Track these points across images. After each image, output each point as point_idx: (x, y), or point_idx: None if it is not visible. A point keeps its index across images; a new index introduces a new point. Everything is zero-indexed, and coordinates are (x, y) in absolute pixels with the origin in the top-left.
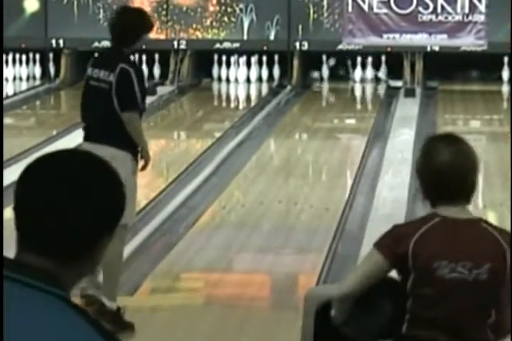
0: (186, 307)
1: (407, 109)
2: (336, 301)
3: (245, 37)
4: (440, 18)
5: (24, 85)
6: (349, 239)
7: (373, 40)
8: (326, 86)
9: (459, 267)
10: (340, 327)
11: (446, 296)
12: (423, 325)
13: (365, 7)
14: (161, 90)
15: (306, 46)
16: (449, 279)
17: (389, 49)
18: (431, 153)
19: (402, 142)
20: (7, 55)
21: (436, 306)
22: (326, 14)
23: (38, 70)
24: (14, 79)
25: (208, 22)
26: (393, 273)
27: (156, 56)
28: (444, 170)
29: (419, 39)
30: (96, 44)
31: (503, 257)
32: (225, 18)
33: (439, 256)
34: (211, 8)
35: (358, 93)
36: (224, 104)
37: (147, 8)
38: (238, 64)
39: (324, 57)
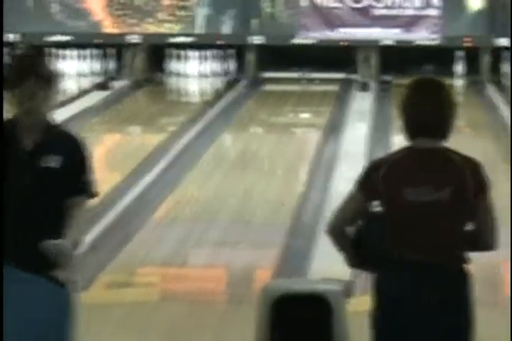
0: (142, 302)
1: (362, 103)
2: (329, 236)
3: (200, 31)
4: (394, 12)
5: None
6: (305, 232)
7: (327, 34)
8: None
9: (424, 191)
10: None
11: (415, 219)
12: (399, 248)
13: (320, 1)
14: (116, 84)
15: (260, 40)
16: (416, 203)
17: (343, 43)
18: (411, 94)
19: (357, 136)
20: None
21: (408, 229)
22: (280, 8)
23: None
24: None
25: (162, 16)
26: None
27: (111, 50)
28: (419, 108)
29: (374, 33)
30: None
31: (464, 180)
32: (180, 12)
33: (405, 183)
34: (165, 2)
35: (313, 87)
36: (179, 98)
37: (101, 3)
38: (193, 58)
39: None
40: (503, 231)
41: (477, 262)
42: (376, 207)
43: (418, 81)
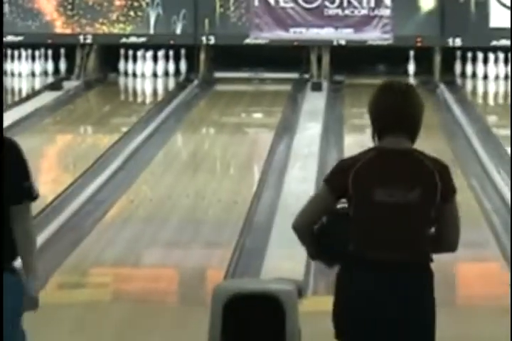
0: (95, 303)
1: (314, 102)
2: (297, 233)
3: (152, 31)
4: (346, 12)
5: None
6: (257, 232)
7: (280, 34)
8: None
9: (393, 192)
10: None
11: (384, 219)
12: (366, 246)
13: (272, 1)
14: (68, 85)
15: (212, 40)
16: (385, 204)
17: (295, 43)
18: (379, 94)
19: (310, 136)
20: None
21: (376, 229)
22: (232, 8)
23: None
24: None
25: (115, 16)
26: None
27: (62, 51)
28: (388, 108)
29: (326, 33)
30: None
31: (433, 182)
32: (132, 13)
33: (375, 184)
34: (117, 3)
35: (265, 87)
36: (131, 98)
37: (53, 3)
38: (145, 58)
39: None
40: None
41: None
42: (341, 204)
43: (387, 82)
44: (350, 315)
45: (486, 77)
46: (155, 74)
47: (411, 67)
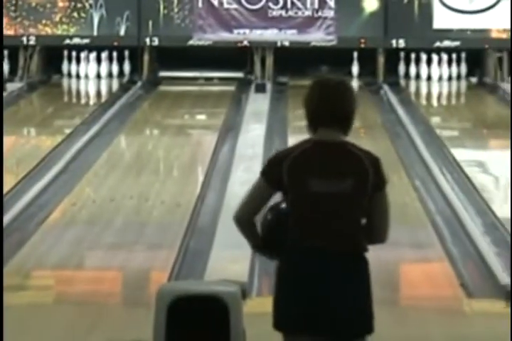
0: (37, 306)
1: (258, 104)
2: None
3: (95, 33)
4: (290, 13)
5: None
6: (201, 234)
7: (224, 35)
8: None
9: (327, 182)
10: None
11: (319, 209)
12: (302, 235)
13: (216, 2)
14: (11, 86)
15: (156, 42)
16: (320, 193)
17: (239, 44)
18: (313, 89)
19: (253, 137)
20: None
21: (312, 218)
22: (176, 10)
23: None
24: None
25: (58, 18)
26: None
27: (5, 52)
28: (321, 102)
29: (270, 34)
30: None
31: (365, 173)
32: (75, 14)
33: (309, 174)
34: (61, 4)
35: (208, 89)
36: (74, 100)
37: None
38: (88, 60)
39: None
40: (400, 230)
41: (376, 262)
42: (281, 197)
43: (321, 78)
44: (287, 302)
45: (429, 78)
46: (98, 76)
47: (355, 69)
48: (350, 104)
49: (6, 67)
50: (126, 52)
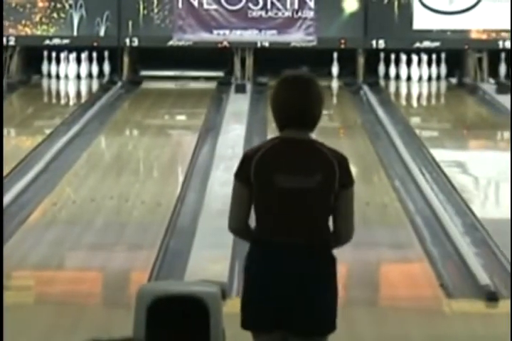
0: (18, 306)
1: (238, 104)
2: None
3: (75, 33)
4: (270, 14)
5: None
6: (181, 234)
7: (204, 36)
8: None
9: (293, 179)
10: None
11: (285, 204)
12: (269, 230)
13: (195, 3)
14: None
15: (136, 42)
16: (286, 189)
17: (219, 45)
18: (279, 88)
19: (233, 138)
20: None
21: (278, 213)
22: (156, 10)
23: None
24: None
25: (38, 18)
26: None
27: None
28: (286, 102)
29: (250, 35)
30: None
31: (332, 170)
32: (55, 14)
33: (276, 171)
34: (40, 4)
35: (189, 89)
36: (54, 100)
37: None
38: (68, 60)
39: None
40: (380, 230)
41: (355, 262)
42: None
43: (288, 74)
44: (252, 300)
45: (409, 78)
46: (78, 76)
47: (335, 69)
48: (317, 103)
49: None
50: (106, 53)
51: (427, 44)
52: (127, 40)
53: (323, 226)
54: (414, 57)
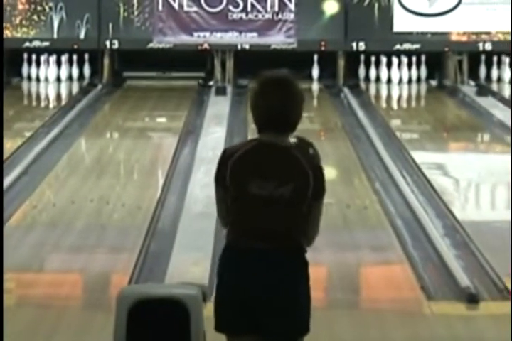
0: None
1: (219, 107)
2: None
3: (55, 35)
4: (250, 16)
5: None
6: (162, 237)
7: (184, 38)
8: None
9: (266, 185)
10: None
11: (256, 210)
12: (241, 235)
13: (176, 5)
14: None
15: (116, 45)
16: (259, 195)
17: (200, 47)
18: (257, 91)
19: (214, 140)
20: None
21: (250, 218)
22: (136, 13)
23: None
24: None
25: (18, 20)
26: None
27: None
28: (265, 105)
29: (230, 37)
30: None
31: (307, 181)
32: (35, 17)
33: (250, 175)
34: (20, 7)
35: (169, 91)
36: (34, 103)
37: None
38: (48, 63)
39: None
40: (360, 233)
41: (336, 265)
42: None
43: (266, 76)
44: (224, 303)
45: (389, 80)
46: (58, 79)
47: (315, 71)
48: (297, 104)
49: None
50: (87, 55)
51: (407, 46)
52: (107, 43)
53: (295, 232)
54: (395, 60)
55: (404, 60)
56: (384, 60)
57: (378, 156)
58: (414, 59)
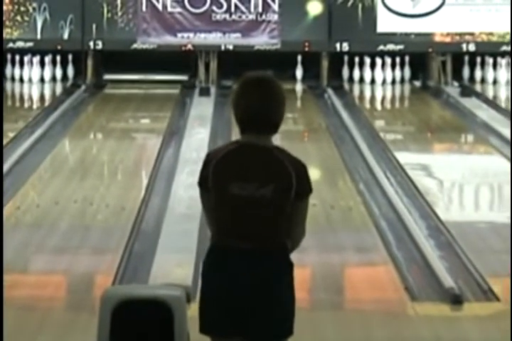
0: None
1: (202, 108)
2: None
3: (39, 36)
4: (234, 17)
5: None
6: (145, 238)
7: (168, 39)
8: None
9: (248, 186)
10: None
11: (238, 211)
12: (225, 236)
13: (160, 6)
14: None
15: (100, 45)
16: (240, 196)
17: (183, 48)
18: (241, 90)
19: (198, 141)
20: None
21: (233, 219)
22: (120, 13)
23: None
24: None
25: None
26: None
27: None
28: (247, 107)
29: (214, 38)
30: None
31: (289, 182)
32: (18, 17)
33: (232, 176)
34: (4, 8)
35: (153, 92)
36: (18, 104)
37: None
38: (32, 63)
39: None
40: (344, 234)
41: (320, 266)
42: None
43: (248, 77)
44: (208, 304)
45: (373, 81)
46: (42, 80)
47: (299, 72)
48: (276, 105)
49: None
50: (70, 56)
51: (390, 47)
52: (91, 44)
53: (279, 233)
54: (378, 60)
55: (388, 60)
56: (368, 60)
57: (362, 157)
58: (397, 60)
